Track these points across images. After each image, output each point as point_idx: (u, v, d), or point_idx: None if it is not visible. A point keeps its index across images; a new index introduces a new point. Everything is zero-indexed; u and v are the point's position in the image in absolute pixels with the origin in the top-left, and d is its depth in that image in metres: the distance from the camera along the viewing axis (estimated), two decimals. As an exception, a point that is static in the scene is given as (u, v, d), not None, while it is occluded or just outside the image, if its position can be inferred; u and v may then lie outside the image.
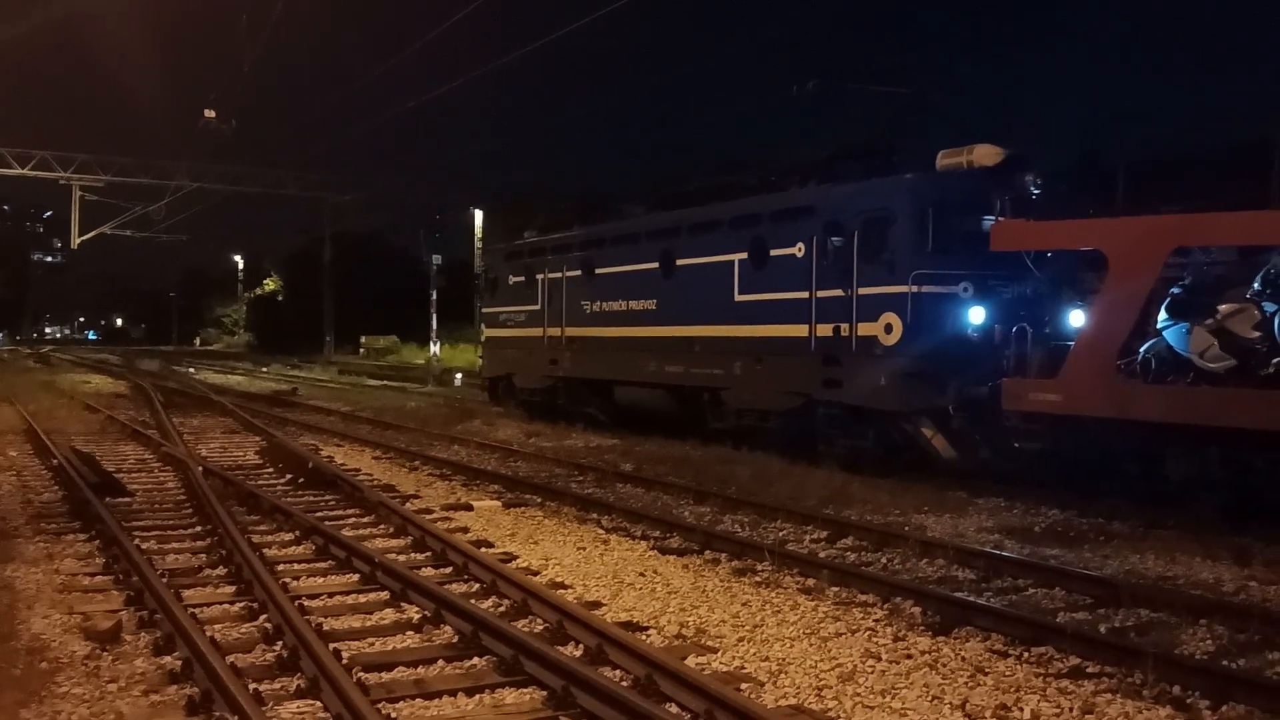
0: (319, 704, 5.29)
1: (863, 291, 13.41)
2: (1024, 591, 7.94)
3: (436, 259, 39.85)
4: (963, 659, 6.17)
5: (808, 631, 6.68)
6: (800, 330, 14.31)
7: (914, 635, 6.66)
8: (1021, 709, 5.34)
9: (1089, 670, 6.03)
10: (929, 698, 5.51)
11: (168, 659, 5.98)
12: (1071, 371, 10.83)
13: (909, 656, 6.20)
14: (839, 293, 13.71)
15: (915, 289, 12.75)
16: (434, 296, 39.87)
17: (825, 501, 11.33)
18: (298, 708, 5.30)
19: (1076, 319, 11.40)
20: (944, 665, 6.05)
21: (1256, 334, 9.73)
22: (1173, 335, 10.27)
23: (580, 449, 16.36)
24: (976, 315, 12.55)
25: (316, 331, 58.95)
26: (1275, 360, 9.59)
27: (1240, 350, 9.80)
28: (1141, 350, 10.50)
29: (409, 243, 58.47)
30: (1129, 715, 5.34)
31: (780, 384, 14.77)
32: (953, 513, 10.91)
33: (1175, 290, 10.37)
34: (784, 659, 6.11)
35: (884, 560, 8.93)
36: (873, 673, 5.89)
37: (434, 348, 40.61)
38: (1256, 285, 9.81)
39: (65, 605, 7.15)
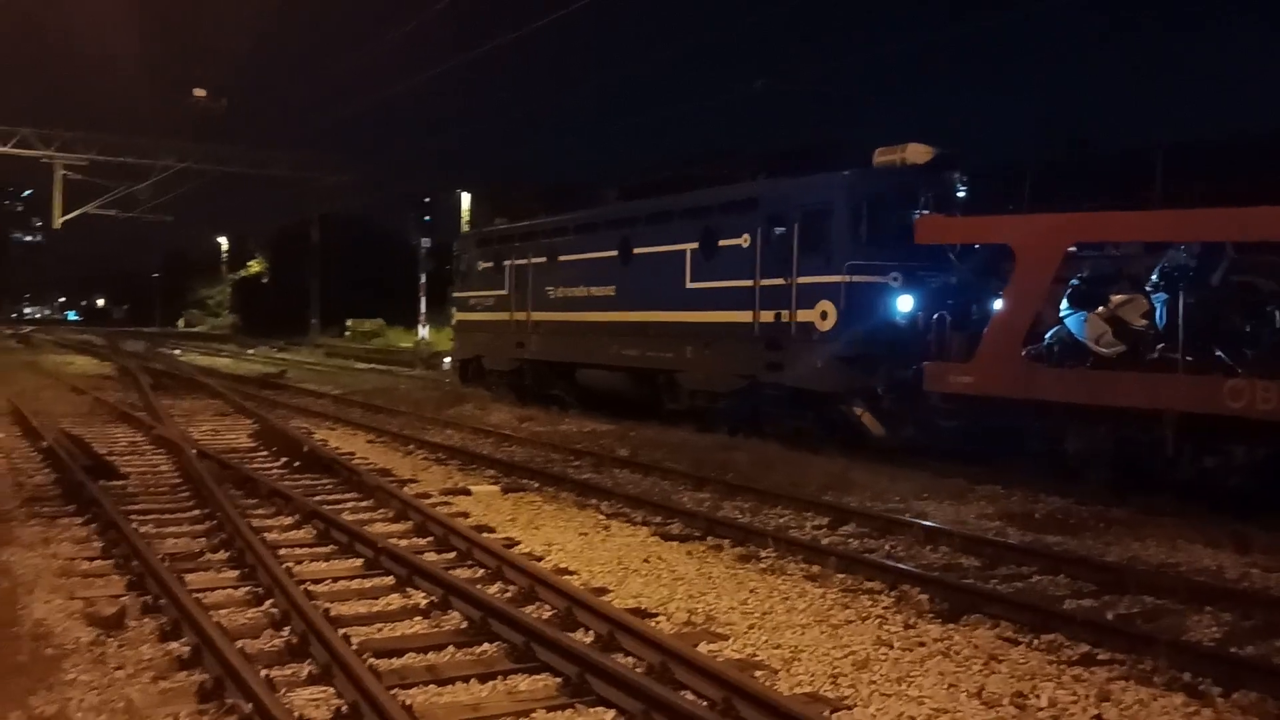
0: (332, 690, 5.24)
1: (801, 280, 14.15)
2: (1029, 579, 7.94)
3: (425, 242, 39.64)
4: (975, 646, 6.17)
5: (818, 619, 6.66)
6: (745, 316, 15.04)
7: (924, 623, 6.65)
8: (1039, 696, 5.33)
9: (1100, 657, 6.03)
10: (945, 685, 5.50)
11: (174, 645, 5.91)
12: (983, 356, 11.68)
13: (921, 644, 6.19)
14: (780, 281, 14.43)
15: (849, 279, 13.52)
16: (423, 280, 39.68)
17: (825, 488, 11.33)
18: (310, 694, 5.24)
19: (993, 307, 12.14)
20: (957, 653, 6.04)
21: (1144, 322, 10.61)
22: (1072, 323, 11.11)
23: (574, 434, 16.31)
24: (904, 303, 13.32)
25: (301, 314, 58.54)
26: (1159, 346, 10.38)
27: (1130, 337, 10.65)
28: (1046, 336, 11.33)
29: (398, 225, 58.09)
30: (1144, 702, 5.34)
31: (728, 367, 15.54)
32: (953, 499, 10.92)
33: (1075, 281, 11.18)
34: (796, 646, 6.09)
35: (888, 547, 8.92)
36: (886, 660, 5.88)
37: (422, 331, 40.43)
38: (1154, 278, 10.56)
39: (66, 590, 7.05)
